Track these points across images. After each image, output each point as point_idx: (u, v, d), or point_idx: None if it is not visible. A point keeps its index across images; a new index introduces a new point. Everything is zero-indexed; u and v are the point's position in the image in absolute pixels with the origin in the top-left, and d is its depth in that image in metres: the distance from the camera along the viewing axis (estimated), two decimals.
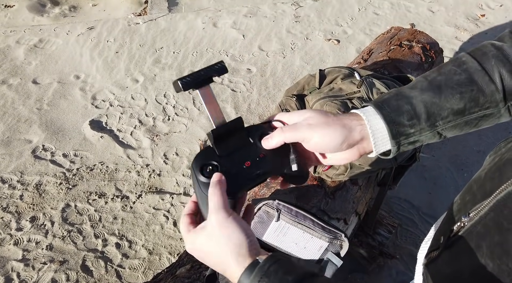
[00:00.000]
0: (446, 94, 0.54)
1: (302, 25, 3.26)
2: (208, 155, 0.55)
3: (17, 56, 2.86)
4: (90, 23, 3.24)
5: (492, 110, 0.54)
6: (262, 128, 0.58)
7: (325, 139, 0.53)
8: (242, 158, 0.55)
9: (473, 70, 0.55)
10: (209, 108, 0.56)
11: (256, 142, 0.56)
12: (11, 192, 1.96)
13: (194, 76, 0.54)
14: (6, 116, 2.37)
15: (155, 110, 2.45)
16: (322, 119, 0.54)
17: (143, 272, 1.66)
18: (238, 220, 0.50)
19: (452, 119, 0.54)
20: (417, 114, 0.53)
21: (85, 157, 2.15)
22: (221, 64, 0.56)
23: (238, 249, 0.48)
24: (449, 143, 2.26)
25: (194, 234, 0.52)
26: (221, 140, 0.55)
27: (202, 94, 0.56)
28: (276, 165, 0.56)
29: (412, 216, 1.89)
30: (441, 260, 0.55)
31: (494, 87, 0.53)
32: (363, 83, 1.27)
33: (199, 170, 0.54)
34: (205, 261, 0.52)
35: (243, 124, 0.57)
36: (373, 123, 0.53)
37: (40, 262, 1.68)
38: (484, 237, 0.46)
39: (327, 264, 0.91)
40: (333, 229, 0.93)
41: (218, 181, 0.52)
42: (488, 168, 0.54)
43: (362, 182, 1.28)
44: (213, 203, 0.50)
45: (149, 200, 1.94)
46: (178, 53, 2.93)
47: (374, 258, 1.61)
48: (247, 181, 0.54)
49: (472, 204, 0.52)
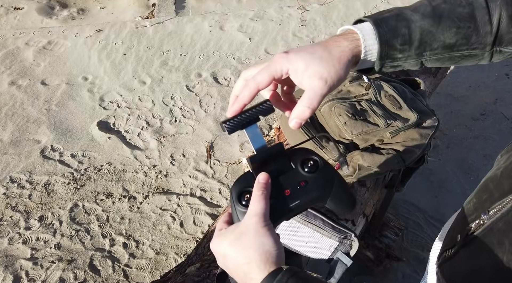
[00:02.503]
0: (444, 25, 0.51)
1: (308, 29, 3.28)
2: (247, 181, 0.53)
3: (26, 58, 2.90)
4: (98, 26, 3.28)
5: (478, 51, 0.53)
6: (304, 153, 0.55)
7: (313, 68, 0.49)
8: (282, 186, 0.53)
9: (478, 5, 0.52)
10: (255, 145, 0.54)
11: (298, 168, 0.54)
12: (20, 191, 1.98)
13: (240, 118, 0.53)
14: (15, 117, 2.40)
15: (162, 111, 2.47)
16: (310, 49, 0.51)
17: (150, 272, 1.67)
18: (273, 232, 0.49)
19: (439, 52, 0.53)
20: (411, 40, 0.51)
21: (93, 158, 2.17)
22: (267, 104, 0.54)
23: (267, 255, 0.47)
24: (455, 147, 2.26)
25: (226, 232, 0.51)
26: (261, 166, 0.54)
27: (250, 133, 0.55)
28: (317, 194, 0.53)
29: (418, 219, 1.89)
30: (458, 258, 0.55)
31: (489, 29, 0.52)
32: (371, 86, 1.28)
33: (237, 196, 0.53)
34: (225, 262, 0.51)
35: (283, 148, 0.55)
36: (368, 43, 0.51)
37: (48, 261, 1.69)
38: (507, 233, 0.46)
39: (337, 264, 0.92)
40: (343, 229, 0.94)
41: (264, 184, 0.51)
42: (504, 167, 0.54)
43: (370, 183, 1.28)
44: (254, 207, 0.49)
45: (156, 201, 1.95)
46: (185, 55, 2.95)
47: (381, 260, 1.61)
48: (285, 211, 0.52)
49: (490, 202, 0.52)
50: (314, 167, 0.54)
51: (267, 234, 0.48)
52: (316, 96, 0.49)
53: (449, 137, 2.33)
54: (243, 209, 0.51)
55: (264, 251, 0.47)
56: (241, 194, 0.53)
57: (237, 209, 0.52)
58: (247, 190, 0.53)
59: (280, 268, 0.47)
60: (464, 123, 2.42)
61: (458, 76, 2.79)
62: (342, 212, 0.55)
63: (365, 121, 1.19)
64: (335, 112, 1.21)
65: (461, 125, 2.41)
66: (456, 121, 2.44)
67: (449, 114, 2.49)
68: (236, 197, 0.53)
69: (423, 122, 1.23)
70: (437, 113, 1.29)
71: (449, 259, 0.58)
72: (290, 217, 0.54)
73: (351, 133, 1.17)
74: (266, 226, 0.49)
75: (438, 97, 2.59)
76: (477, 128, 2.38)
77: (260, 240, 0.48)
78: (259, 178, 0.52)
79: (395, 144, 1.19)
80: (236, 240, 0.49)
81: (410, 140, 1.18)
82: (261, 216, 0.49)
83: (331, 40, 0.52)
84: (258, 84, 0.51)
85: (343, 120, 1.19)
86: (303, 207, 0.53)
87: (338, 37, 0.52)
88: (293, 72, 0.50)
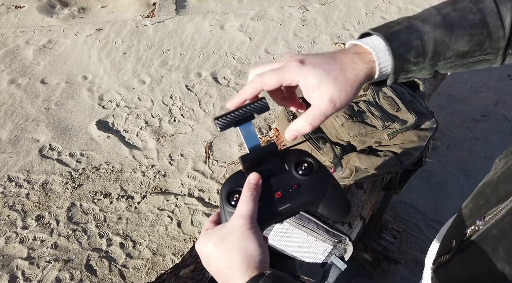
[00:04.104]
0: (457, 34, 0.51)
1: (309, 29, 3.26)
2: (238, 180, 0.52)
3: (26, 56, 2.89)
4: (99, 25, 3.27)
5: (491, 56, 0.52)
6: (298, 154, 0.53)
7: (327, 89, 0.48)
8: (273, 188, 0.51)
9: (489, 10, 0.51)
10: (248, 144, 0.53)
11: (291, 169, 0.52)
12: (17, 190, 1.97)
13: (234, 115, 0.51)
14: (14, 115, 2.40)
15: (161, 111, 2.46)
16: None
17: (146, 273, 1.66)
18: (259, 235, 0.48)
19: (453, 60, 0.52)
20: (425, 52, 0.51)
21: (91, 157, 2.16)
22: (262, 101, 0.53)
23: (250, 260, 0.46)
24: (455, 149, 2.24)
25: (211, 232, 0.50)
26: (253, 165, 0.52)
27: (243, 131, 0.53)
28: (309, 198, 0.51)
29: (417, 221, 1.88)
30: (453, 264, 0.55)
31: (502, 33, 0.51)
32: (369, 87, 1.27)
33: (226, 196, 0.51)
34: (208, 263, 0.50)
35: (277, 148, 0.53)
36: (382, 60, 0.50)
37: (44, 261, 1.68)
38: (501, 240, 0.46)
39: (331, 268, 0.90)
40: (338, 233, 0.93)
41: (254, 185, 0.50)
42: (501, 172, 0.53)
43: (367, 186, 1.27)
44: (241, 208, 0.48)
45: (153, 201, 1.94)
46: (185, 55, 2.94)
47: (379, 263, 1.60)
48: (274, 215, 0.50)
49: (486, 208, 0.51)
50: (308, 169, 0.52)
51: (251, 237, 0.47)
52: (321, 115, 0.49)
53: (449, 139, 2.31)
54: (231, 209, 0.50)
55: (247, 255, 0.46)
56: (230, 194, 0.52)
57: (226, 209, 0.51)
58: (236, 190, 0.51)
59: (262, 273, 0.46)
60: (465, 125, 2.40)
61: (459, 77, 2.77)
62: (335, 218, 0.53)
63: (362, 122, 1.18)
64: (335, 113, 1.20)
65: (462, 126, 2.39)
66: (456, 122, 2.42)
67: (450, 115, 2.47)
68: (225, 196, 0.52)
69: (421, 124, 1.22)
70: (437, 114, 1.28)
71: (445, 265, 0.57)
72: (279, 221, 0.53)
73: (348, 134, 1.16)
74: (251, 229, 0.47)
75: (439, 98, 2.57)
76: (478, 130, 2.36)
77: (243, 243, 0.47)
78: (250, 178, 0.50)
79: (393, 146, 1.18)
80: (220, 242, 0.48)
81: (408, 142, 1.17)
82: (247, 218, 0.48)
83: (347, 58, 0.50)
84: (263, 84, 0.50)
85: (340, 121, 1.18)
86: (293, 211, 0.51)
87: (355, 56, 0.50)
88: (304, 85, 0.49)
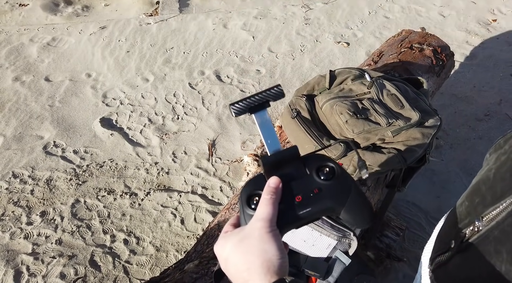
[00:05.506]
0: None
1: (312, 28, 3.26)
2: (258, 183, 0.51)
3: (30, 54, 2.91)
4: (102, 23, 3.28)
5: None
6: (320, 159, 0.52)
7: None
8: (293, 191, 0.50)
9: None
10: (264, 134, 0.52)
11: (312, 174, 0.51)
12: (22, 186, 1.99)
13: (249, 101, 0.51)
14: (18, 112, 2.41)
15: (164, 109, 2.47)
16: None
17: (150, 269, 1.67)
18: (278, 239, 0.47)
19: None
20: None
21: (95, 154, 2.17)
22: (278, 88, 0.52)
23: (269, 264, 0.45)
24: (458, 148, 2.24)
25: (230, 234, 0.49)
26: (274, 169, 0.51)
27: (258, 118, 0.52)
28: (330, 203, 0.50)
29: (420, 219, 1.88)
30: (453, 264, 0.54)
31: None
32: (373, 84, 1.27)
33: (246, 199, 0.51)
34: (227, 266, 0.49)
35: (298, 153, 0.52)
36: None
37: (49, 256, 1.70)
38: (503, 242, 0.45)
39: (335, 262, 0.91)
40: (342, 228, 0.94)
41: (274, 188, 0.49)
42: (495, 168, 0.53)
43: (370, 183, 1.28)
44: (261, 211, 0.47)
45: (157, 198, 1.95)
46: (188, 53, 2.95)
47: (381, 260, 1.60)
48: (294, 219, 0.49)
49: (483, 207, 0.51)
50: (330, 174, 0.51)
51: (271, 241, 0.46)
52: None
53: (452, 138, 2.31)
54: (251, 212, 0.49)
55: (266, 259, 0.45)
56: (250, 197, 0.51)
57: (245, 212, 0.50)
58: (256, 193, 0.51)
59: (282, 279, 0.45)
60: (468, 124, 2.40)
61: (462, 76, 2.77)
62: (358, 225, 0.51)
63: (366, 119, 1.18)
64: (337, 110, 1.20)
65: (465, 125, 2.39)
66: (459, 121, 2.42)
67: (453, 114, 2.47)
68: (245, 199, 0.51)
69: (425, 122, 1.22)
70: (440, 113, 1.28)
71: (444, 265, 0.57)
72: (299, 226, 0.51)
73: (352, 131, 1.17)
74: (271, 232, 0.46)
75: (442, 97, 2.57)
76: (481, 129, 2.37)
77: (263, 246, 0.46)
78: (270, 181, 0.50)
79: (396, 143, 1.18)
80: (238, 243, 0.47)
81: (411, 140, 1.17)
82: (267, 221, 0.47)
83: None
84: None
85: (344, 118, 1.18)
86: (314, 216, 0.50)
87: None
88: None
